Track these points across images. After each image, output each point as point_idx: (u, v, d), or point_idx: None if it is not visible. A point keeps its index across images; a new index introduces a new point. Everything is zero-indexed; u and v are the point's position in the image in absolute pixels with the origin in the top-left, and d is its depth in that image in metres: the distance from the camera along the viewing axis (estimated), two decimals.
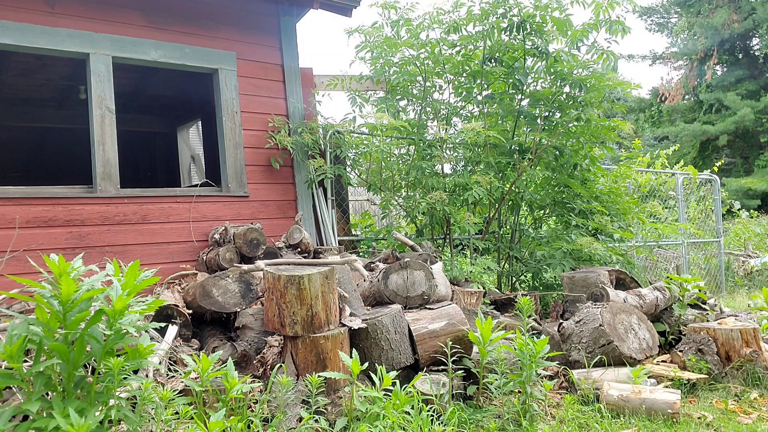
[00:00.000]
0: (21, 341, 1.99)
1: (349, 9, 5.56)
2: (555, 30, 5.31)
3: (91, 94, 4.46)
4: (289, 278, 3.03)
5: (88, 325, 2.06)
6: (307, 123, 5.41)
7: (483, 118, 5.75)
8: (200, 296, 3.56)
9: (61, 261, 2.06)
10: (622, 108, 6.60)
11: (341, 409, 2.84)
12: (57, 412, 1.90)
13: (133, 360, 2.19)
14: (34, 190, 4.24)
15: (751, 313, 4.60)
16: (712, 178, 9.25)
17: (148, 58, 4.74)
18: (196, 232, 4.82)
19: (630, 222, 6.42)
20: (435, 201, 4.97)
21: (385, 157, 5.80)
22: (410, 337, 3.34)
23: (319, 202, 5.53)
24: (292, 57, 5.55)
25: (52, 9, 4.37)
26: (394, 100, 5.97)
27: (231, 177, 5.05)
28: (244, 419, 2.57)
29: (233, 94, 5.14)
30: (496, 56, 5.57)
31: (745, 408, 3.19)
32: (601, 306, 3.82)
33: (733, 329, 3.68)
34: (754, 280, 9.11)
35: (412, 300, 3.72)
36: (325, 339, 3.01)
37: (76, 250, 4.26)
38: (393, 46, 5.64)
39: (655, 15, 25.86)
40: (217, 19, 5.16)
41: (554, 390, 3.48)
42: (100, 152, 4.46)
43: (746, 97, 20.81)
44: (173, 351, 3.23)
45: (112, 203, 4.49)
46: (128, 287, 2.13)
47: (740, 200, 16.02)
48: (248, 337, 3.42)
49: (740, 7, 21.36)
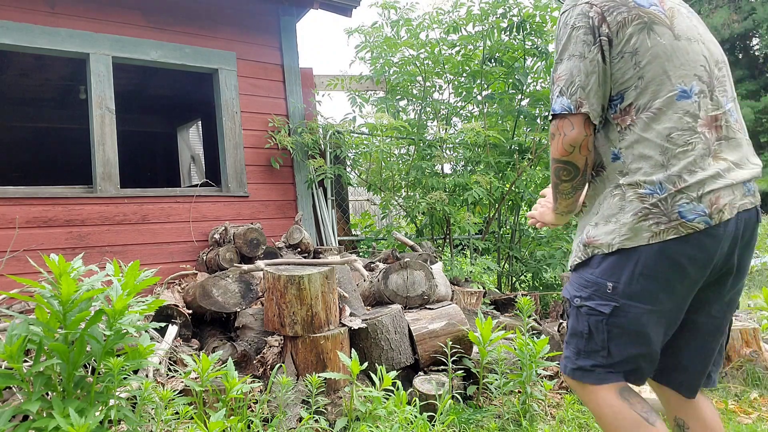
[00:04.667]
0: (21, 341, 1.99)
1: (349, 9, 5.56)
2: (555, 30, 5.31)
3: (91, 94, 4.46)
4: (289, 278, 3.03)
5: (88, 325, 2.06)
6: (307, 123, 5.41)
7: (483, 118, 5.75)
8: (200, 296, 3.56)
9: (61, 261, 2.06)
10: None
11: (341, 409, 2.84)
12: (57, 412, 1.90)
13: (133, 360, 2.19)
14: (33, 190, 4.24)
15: (751, 313, 4.60)
16: None
17: (148, 58, 4.74)
18: (196, 232, 4.82)
19: None
20: (435, 201, 4.97)
21: (385, 157, 5.80)
22: (410, 337, 3.34)
23: (319, 202, 5.53)
24: (292, 57, 5.55)
25: (52, 9, 4.37)
26: (394, 100, 5.98)
27: (231, 177, 5.05)
28: (244, 419, 2.57)
29: (233, 94, 5.14)
30: (495, 56, 5.57)
31: (745, 408, 3.19)
32: None
33: (732, 329, 3.68)
34: (754, 280, 9.10)
35: (412, 300, 3.72)
36: (325, 339, 3.01)
37: (76, 250, 4.26)
38: (393, 46, 5.64)
39: None
40: (217, 19, 5.16)
41: (554, 390, 3.48)
42: (100, 152, 4.46)
43: (746, 97, 20.81)
44: (173, 351, 3.23)
45: (112, 203, 4.49)
46: (128, 287, 2.13)
47: None
48: (248, 337, 3.42)
49: (740, 7, 21.37)
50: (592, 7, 1.47)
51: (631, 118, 1.47)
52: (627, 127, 1.48)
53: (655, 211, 1.43)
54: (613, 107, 1.50)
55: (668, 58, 1.45)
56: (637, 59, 1.45)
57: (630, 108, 1.48)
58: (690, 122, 1.43)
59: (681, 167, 1.42)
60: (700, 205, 1.41)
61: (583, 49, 1.46)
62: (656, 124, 1.44)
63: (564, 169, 1.52)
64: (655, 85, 1.45)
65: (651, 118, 1.45)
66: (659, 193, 1.42)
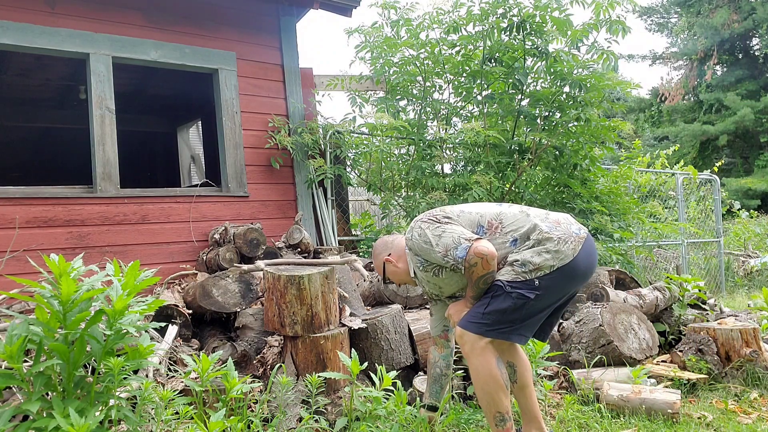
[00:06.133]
0: (21, 341, 2.00)
1: (349, 9, 5.56)
2: (555, 30, 5.31)
3: (91, 94, 4.46)
4: (289, 278, 3.03)
5: (88, 325, 2.06)
6: (307, 123, 5.41)
7: (483, 118, 5.75)
8: (200, 296, 3.56)
9: (61, 261, 2.06)
10: (622, 108, 6.60)
11: (341, 409, 2.84)
12: (57, 412, 1.90)
13: (133, 360, 2.19)
14: (34, 190, 4.24)
15: (751, 313, 4.59)
16: (712, 178, 9.25)
17: (148, 58, 4.74)
18: (196, 232, 4.82)
19: (630, 222, 6.42)
20: (435, 201, 4.97)
21: (385, 157, 5.80)
22: (410, 337, 3.34)
23: (319, 202, 5.53)
24: (292, 57, 5.55)
25: (52, 9, 4.37)
26: (394, 100, 5.97)
27: (231, 177, 5.05)
28: (244, 419, 2.57)
29: (233, 94, 5.14)
30: (495, 56, 5.57)
31: (745, 408, 3.19)
32: (601, 306, 3.82)
33: (733, 329, 3.68)
34: (754, 280, 9.11)
35: (412, 300, 3.72)
36: (325, 339, 3.02)
37: (76, 250, 4.26)
38: (393, 46, 5.64)
39: (655, 15, 25.87)
40: (217, 19, 5.16)
41: (554, 390, 3.48)
42: (100, 152, 4.46)
43: (746, 97, 20.81)
44: (173, 351, 3.23)
45: (112, 203, 4.49)
46: (128, 287, 2.13)
47: (740, 200, 16.02)
48: (248, 337, 3.42)
49: (740, 7, 21.36)
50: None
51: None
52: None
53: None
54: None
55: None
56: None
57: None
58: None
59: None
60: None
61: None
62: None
63: (492, 275, 2.34)
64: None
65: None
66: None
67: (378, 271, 2.73)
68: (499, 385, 2.34)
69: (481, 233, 2.42)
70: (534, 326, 2.43)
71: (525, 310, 2.31)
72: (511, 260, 2.37)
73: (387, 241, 2.72)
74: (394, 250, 2.66)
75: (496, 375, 2.33)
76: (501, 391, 2.35)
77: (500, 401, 2.35)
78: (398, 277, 2.69)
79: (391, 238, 2.73)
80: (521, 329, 2.36)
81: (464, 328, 2.37)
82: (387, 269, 2.66)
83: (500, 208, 2.51)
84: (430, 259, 2.45)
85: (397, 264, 2.64)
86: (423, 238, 2.42)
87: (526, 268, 2.31)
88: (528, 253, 2.34)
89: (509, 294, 2.29)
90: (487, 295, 2.36)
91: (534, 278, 2.30)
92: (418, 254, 2.49)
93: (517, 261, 2.34)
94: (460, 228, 2.38)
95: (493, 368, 2.33)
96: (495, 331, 2.32)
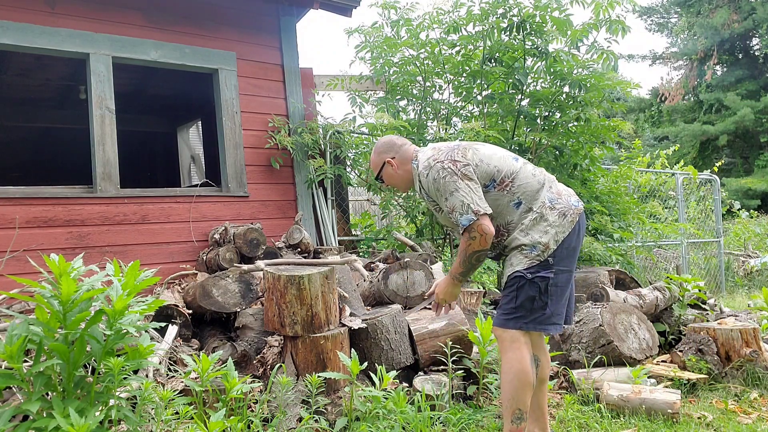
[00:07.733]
0: (21, 341, 2.00)
1: (349, 9, 5.56)
2: (555, 30, 5.31)
3: (91, 94, 4.46)
4: (289, 278, 3.03)
5: (88, 325, 2.06)
6: (307, 123, 5.41)
7: (483, 118, 5.75)
8: (200, 296, 3.56)
9: (61, 261, 2.06)
10: (622, 108, 6.60)
11: (341, 409, 2.85)
12: (57, 412, 1.90)
13: (133, 360, 2.19)
14: (34, 190, 4.24)
15: (751, 313, 4.59)
16: (712, 178, 9.25)
17: (148, 58, 4.74)
18: (196, 232, 4.82)
19: (630, 222, 6.42)
20: None
21: None
22: (410, 337, 3.34)
23: (319, 202, 5.53)
24: (292, 57, 5.55)
25: (52, 9, 4.37)
26: (394, 100, 5.97)
27: (231, 177, 5.05)
28: (244, 419, 2.57)
29: (233, 94, 5.14)
30: (495, 56, 5.57)
31: (745, 408, 3.19)
32: (601, 306, 3.82)
33: (733, 329, 3.68)
34: (754, 280, 9.10)
35: (412, 300, 3.72)
36: (325, 339, 3.02)
37: (76, 250, 4.26)
38: (393, 46, 5.64)
39: (655, 15, 25.85)
40: (217, 20, 5.16)
41: (554, 390, 3.48)
42: (100, 152, 4.46)
43: (746, 97, 20.79)
44: (173, 351, 3.23)
45: (112, 203, 4.49)
46: (128, 287, 2.13)
47: (740, 200, 16.01)
48: (248, 337, 3.42)
49: (740, 7, 21.35)
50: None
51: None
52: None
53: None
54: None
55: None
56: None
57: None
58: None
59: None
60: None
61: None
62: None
63: (485, 253, 2.39)
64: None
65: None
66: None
67: (373, 167, 2.66)
68: (528, 382, 2.35)
69: (492, 187, 2.42)
70: (563, 309, 2.45)
71: (550, 291, 2.36)
72: (518, 245, 2.40)
73: (394, 143, 2.62)
74: (399, 155, 2.59)
75: (528, 372, 2.35)
76: (528, 389, 2.36)
77: (524, 399, 2.37)
78: (393, 181, 2.64)
79: (401, 142, 2.63)
80: (553, 317, 2.39)
81: (502, 327, 2.40)
82: (385, 170, 2.61)
83: (516, 165, 2.49)
84: (435, 199, 2.47)
85: (397, 170, 2.59)
86: (436, 184, 2.40)
87: (537, 250, 2.36)
88: (534, 233, 2.38)
89: (532, 281, 2.34)
90: (511, 289, 2.38)
91: (547, 258, 2.36)
92: (424, 188, 2.48)
93: (525, 246, 2.38)
94: (473, 192, 2.34)
95: (527, 364, 2.35)
96: (532, 322, 2.37)
